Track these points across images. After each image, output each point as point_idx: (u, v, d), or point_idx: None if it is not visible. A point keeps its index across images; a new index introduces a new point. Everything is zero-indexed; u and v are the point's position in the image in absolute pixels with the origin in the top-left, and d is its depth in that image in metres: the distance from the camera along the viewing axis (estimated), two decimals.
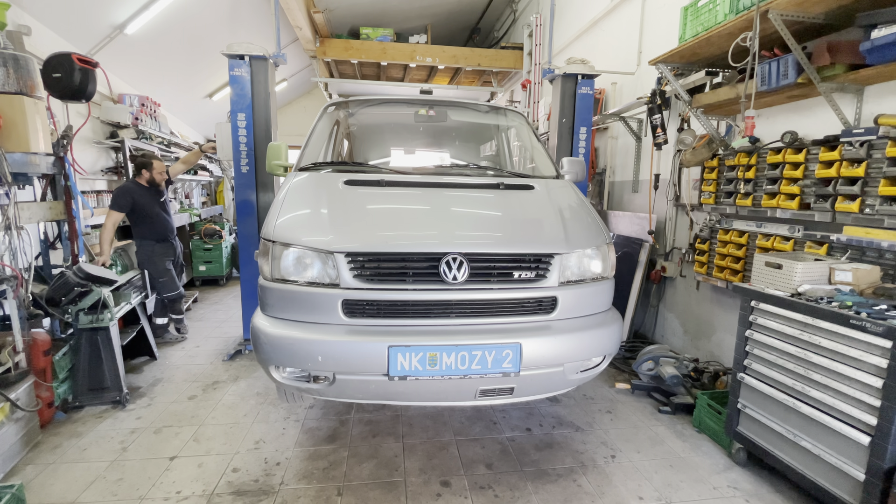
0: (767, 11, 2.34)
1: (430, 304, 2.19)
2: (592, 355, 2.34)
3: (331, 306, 2.13)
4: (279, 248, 2.22)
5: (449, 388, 2.18)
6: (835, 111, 2.46)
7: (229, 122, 3.92)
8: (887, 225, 2.22)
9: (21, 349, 2.70)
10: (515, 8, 8.24)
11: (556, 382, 2.34)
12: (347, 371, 2.11)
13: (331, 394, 2.25)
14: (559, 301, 2.29)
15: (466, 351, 2.09)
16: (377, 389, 2.17)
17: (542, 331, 2.23)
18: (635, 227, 4.33)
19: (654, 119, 3.63)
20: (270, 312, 2.26)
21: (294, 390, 2.32)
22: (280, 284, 2.22)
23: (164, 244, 4.27)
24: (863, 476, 1.90)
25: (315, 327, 2.15)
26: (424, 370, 2.09)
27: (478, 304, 2.22)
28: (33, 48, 3.59)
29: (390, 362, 2.06)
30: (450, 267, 2.15)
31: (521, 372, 2.15)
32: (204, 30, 6.12)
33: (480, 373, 2.12)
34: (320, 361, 2.09)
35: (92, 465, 2.53)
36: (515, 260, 2.25)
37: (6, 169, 2.71)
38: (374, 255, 2.16)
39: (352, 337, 2.10)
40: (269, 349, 2.18)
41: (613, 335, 2.42)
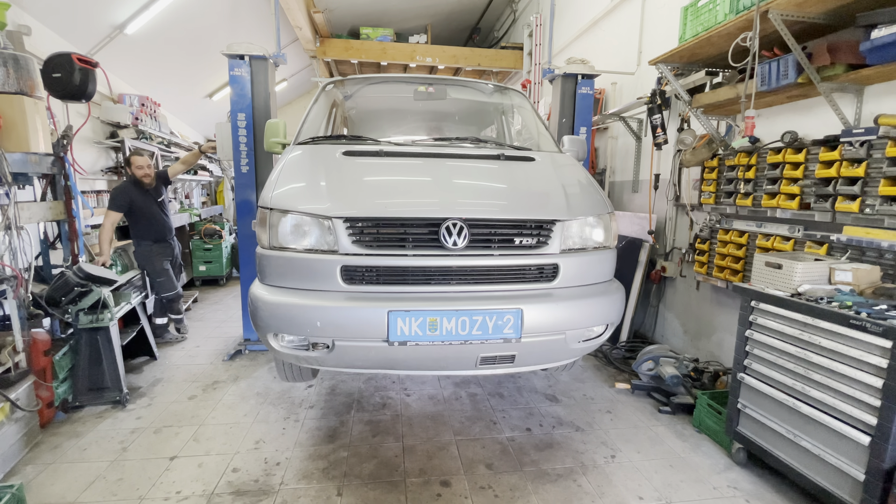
0: (767, 11, 2.34)
1: (430, 270, 2.16)
2: (594, 323, 2.32)
3: (329, 273, 2.11)
4: (277, 216, 2.19)
5: (449, 355, 2.15)
6: (835, 111, 2.46)
7: (229, 122, 3.92)
8: (887, 225, 2.22)
9: (21, 349, 2.70)
10: (515, 8, 8.24)
11: (558, 351, 2.31)
12: (346, 337, 2.09)
13: (330, 362, 2.22)
14: (561, 269, 2.26)
15: (467, 316, 2.07)
16: (377, 356, 2.14)
17: (544, 298, 2.21)
18: (635, 227, 4.33)
19: (654, 119, 3.63)
20: (268, 281, 2.24)
21: (293, 360, 2.28)
22: (278, 252, 2.19)
23: (162, 244, 4.26)
24: (863, 476, 1.90)
25: (314, 294, 2.13)
26: (424, 335, 2.06)
27: (478, 271, 2.19)
28: (33, 48, 3.59)
29: (390, 327, 2.04)
30: (450, 233, 2.12)
31: (522, 338, 2.12)
32: (204, 30, 6.12)
33: (481, 338, 2.09)
34: (319, 327, 2.07)
35: (92, 465, 2.53)
36: (516, 226, 2.23)
37: (6, 169, 2.71)
38: (372, 220, 2.14)
39: (351, 303, 2.08)
40: (268, 316, 2.15)
41: (616, 304, 2.39)
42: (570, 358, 2.44)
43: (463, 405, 3.25)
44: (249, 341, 4.23)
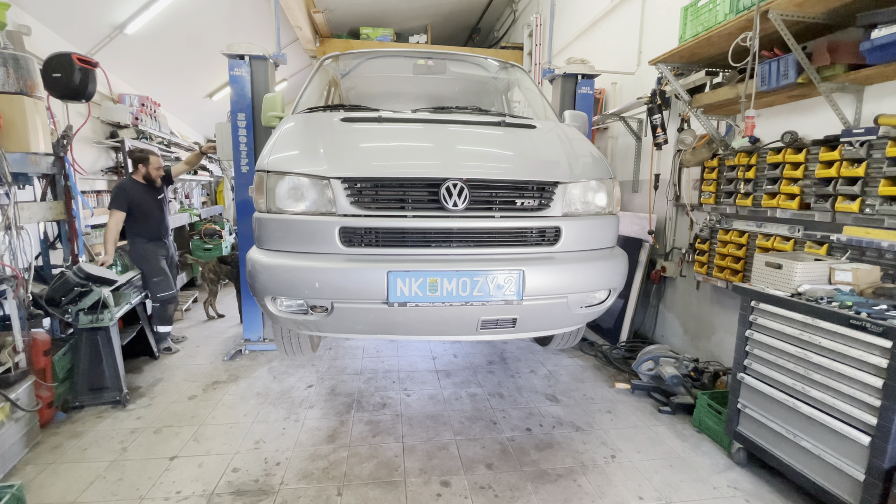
0: (767, 11, 2.34)
1: (430, 232, 2.13)
2: (597, 287, 2.29)
3: (328, 235, 2.08)
4: (274, 178, 2.16)
5: (450, 318, 2.13)
6: (835, 111, 2.46)
7: (229, 122, 3.92)
8: (887, 225, 2.22)
9: (21, 349, 2.70)
10: (515, 8, 8.24)
11: (560, 316, 2.28)
12: (345, 298, 2.06)
13: (328, 327, 2.19)
14: (563, 232, 2.23)
15: (468, 277, 2.04)
16: (376, 319, 2.11)
17: (546, 261, 2.18)
18: (635, 227, 4.33)
19: (654, 119, 3.63)
20: (266, 245, 2.21)
21: (291, 325, 2.26)
22: (275, 215, 2.16)
23: (157, 243, 4.20)
24: (863, 476, 1.90)
25: (312, 257, 2.10)
26: (425, 296, 2.04)
27: (479, 234, 2.16)
28: (33, 48, 3.59)
29: (389, 288, 2.01)
30: (450, 193, 2.09)
31: (523, 301, 2.09)
32: (204, 30, 6.12)
33: (482, 300, 2.07)
34: (317, 288, 2.04)
35: (92, 465, 2.53)
36: (518, 188, 2.19)
37: (6, 169, 2.71)
38: (371, 180, 2.10)
39: (350, 264, 2.05)
40: (266, 279, 2.12)
41: (618, 270, 2.36)
42: (573, 325, 2.40)
43: (463, 405, 3.25)
44: (249, 341, 4.23)
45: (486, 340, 2.90)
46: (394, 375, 3.73)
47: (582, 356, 4.18)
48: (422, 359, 4.10)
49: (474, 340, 2.68)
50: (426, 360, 4.06)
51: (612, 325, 4.36)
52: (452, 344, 4.47)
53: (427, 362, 4.02)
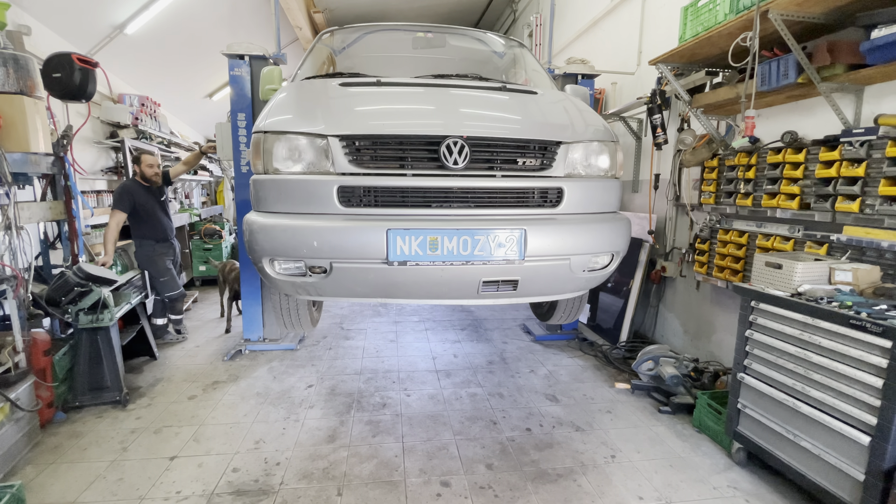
0: (767, 11, 2.34)
1: (430, 191, 2.09)
2: (600, 250, 2.26)
3: (326, 195, 2.05)
4: (271, 139, 2.12)
5: (450, 278, 2.10)
6: (835, 111, 2.46)
7: (229, 122, 3.92)
8: (887, 225, 2.22)
9: (21, 349, 2.70)
10: (515, 8, 8.24)
11: (562, 279, 2.25)
12: (345, 257, 2.03)
13: (327, 290, 2.16)
14: (565, 193, 2.20)
15: (468, 235, 2.01)
16: (376, 279, 2.09)
17: (548, 221, 2.15)
18: (635, 227, 4.32)
19: (654, 119, 3.62)
20: (264, 208, 2.17)
21: (289, 289, 2.23)
22: (273, 176, 2.12)
23: (164, 244, 4.25)
24: (863, 476, 1.90)
25: (310, 217, 2.08)
26: (425, 255, 2.01)
27: (480, 194, 2.13)
28: (33, 48, 3.59)
29: (389, 246, 1.99)
30: (450, 151, 2.05)
31: (525, 261, 2.07)
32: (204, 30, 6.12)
33: (483, 259, 2.04)
34: (316, 247, 2.01)
35: (92, 465, 2.53)
36: (520, 147, 2.16)
37: (6, 169, 2.71)
38: (370, 137, 2.07)
39: (349, 222, 2.03)
40: (263, 239, 2.09)
41: (622, 233, 2.33)
42: (576, 290, 2.36)
43: (463, 405, 3.25)
44: (249, 341, 4.23)
45: (488, 304, 2.80)
46: (394, 375, 3.73)
47: (582, 356, 4.18)
48: (422, 359, 4.10)
49: (476, 304, 2.57)
50: (426, 360, 4.06)
51: (612, 325, 4.36)
52: (452, 343, 4.47)
53: (427, 362, 4.02)
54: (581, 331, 4.67)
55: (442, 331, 4.88)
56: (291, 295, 2.35)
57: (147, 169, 4.15)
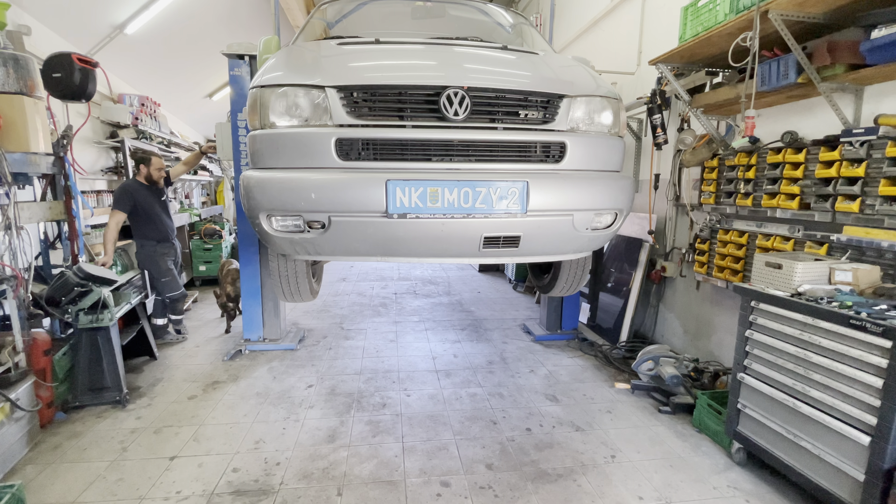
0: (767, 11, 2.34)
1: (430, 144, 2.05)
2: (603, 206, 2.22)
3: (324, 148, 2.01)
4: (267, 93, 2.08)
5: (451, 233, 2.07)
6: (835, 111, 2.46)
7: (229, 122, 3.92)
8: (887, 225, 2.22)
9: (21, 349, 2.70)
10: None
11: (565, 237, 2.22)
12: (343, 209, 1.99)
13: (326, 247, 2.12)
14: (568, 148, 2.16)
15: (469, 187, 1.97)
16: (375, 234, 2.06)
17: (551, 175, 2.12)
18: (635, 227, 4.33)
19: (654, 119, 3.62)
20: (261, 164, 2.12)
21: (287, 246, 2.20)
22: (269, 131, 2.08)
23: (165, 244, 4.25)
24: (863, 476, 1.90)
25: (308, 171, 2.04)
26: (425, 207, 1.97)
27: (481, 147, 2.09)
28: (33, 48, 3.59)
29: (388, 197, 1.95)
30: (451, 102, 2.01)
31: (527, 215, 2.03)
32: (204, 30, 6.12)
33: (485, 212, 2.01)
34: (314, 199, 1.98)
35: (92, 464, 2.53)
36: (522, 99, 2.12)
37: (6, 169, 2.71)
38: (368, 88, 2.04)
39: (348, 174, 2.00)
40: (259, 193, 2.05)
41: (625, 191, 2.30)
42: (579, 250, 2.32)
43: (463, 405, 3.25)
44: (249, 341, 4.23)
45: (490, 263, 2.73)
46: (394, 375, 3.73)
47: (582, 356, 4.18)
48: (422, 359, 4.10)
49: (477, 262, 2.51)
50: (426, 360, 4.06)
51: (612, 325, 4.36)
52: (452, 343, 4.47)
53: (427, 362, 4.02)
54: (581, 331, 4.67)
55: (442, 331, 4.88)
56: (290, 255, 2.30)
57: (155, 172, 4.19)
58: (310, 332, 4.79)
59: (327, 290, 6.79)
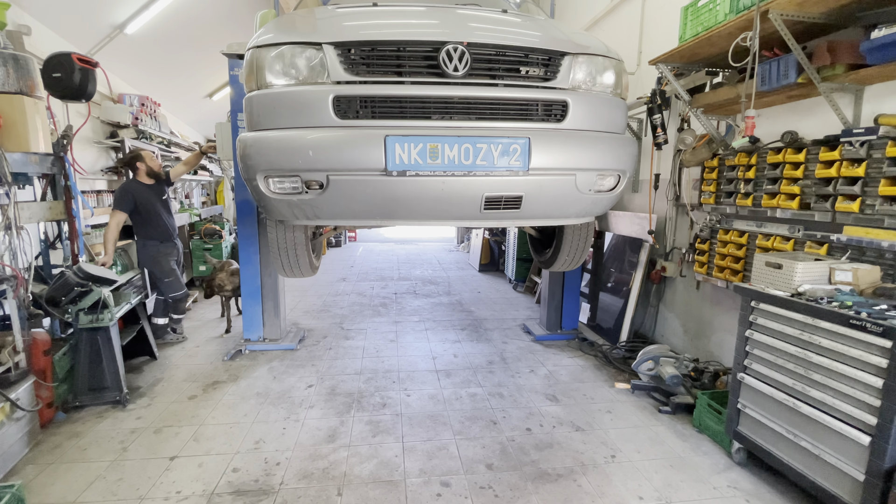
0: (767, 11, 2.34)
1: (429, 101, 2.01)
2: (607, 166, 2.19)
3: (321, 106, 1.98)
4: (263, 52, 2.03)
5: (452, 192, 2.03)
6: (835, 111, 2.46)
7: (229, 122, 3.92)
8: (887, 225, 2.22)
9: (21, 349, 2.70)
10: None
11: (568, 198, 2.18)
12: (341, 167, 1.96)
13: (324, 210, 2.09)
14: (570, 107, 2.13)
15: (470, 143, 1.94)
16: (374, 194, 2.03)
17: (553, 133, 2.09)
18: (635, 227, 4.33)
19: (654, 119, 3.62)
20: (257, 126, 2.09)
21: (285, 209, 2.17)
22: (266, 91, 2.05)
23: (168, 244, 4.24)
24: (863, 476, 1.90)
25: (306, 129, 2.02)
26: (425, 164, 1.94)
27: (481, 104, 2.06)
28: (33, 48, 3.59)
29: (387, 153, 1.92)
30: (450, 58, 1.97)
31: (529, 173, 2.00)
32: (204, 30, 6.12)
33: (486, 169, 1.97)
34: (312, 157, 1.95)
35: (92, 464, 2.53)
36: (522, 56, 2.09)
37: (6, 169, 2.71)
38: (366, 43, 2.01)
39: (346, 131, 1.97)
40: (256, 152, 2.02)
41: (628, 153, 2.28)
42: (581, 213, 2.29)
43: (463, 405, 3.25)
44: (249, 341, 4.23)
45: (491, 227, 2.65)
46: (394, 375, 3.73)
47: (582, 356, 4.18)
48: (422, 359, 4.10)
49: (479, 225, 2.42)
50: (426, 360, 4.06)
51: (612, 324, 4.37)
52: (452, 343, 4.47)
53: (427, 362, 4.02)
54: (581, 331, 4.67)
55: (442, 331, 4.88)
56: (288, 220, 2.26)
57: (153, 163, 4.15)
58: (310, 332, 4.79)
59: (327, 290, 6.80)
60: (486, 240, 8.54)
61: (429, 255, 10.46)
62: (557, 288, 4.62)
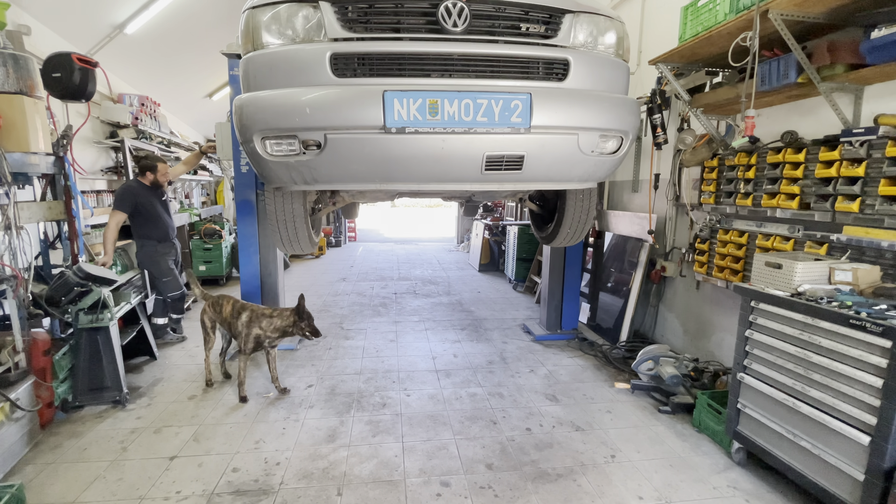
0: (767, 11, 2.34)
1: (428, 58, 2.00)
2: (609, 125, 2.18)
3: (318, 64, 1.96)
4: (259, 12, 2.03)
5: (452, 152, 2.01)
6: (835, 111, 2.46)
7: (229, 122, 3.92)
8: (887, 225, 2.22)
9: (21, 349, 2.70)
10: None
11: (570, 159, 2.16)
12: (339, 124, 1.94)
13: (323, 171, 2.06)
14: (571, 66, 2.11)
15: (471, 99, 1.92)
16: (373, 153, 2.01)
17: (555, 90, 2.07)
18: (635, 227, 4.33)
19: (654, 119, 3.62)
20: (254, 87, 2.07)
21: (283, 172, 2.14)
22: (262, 51, 2.03)
23: (166, 244, 4.25)
24: (862, 476, 1.90)
25: (303, 87, 1.99)
26: (424, 120, 1.92)
27: (481, 61, 2.04)
28: (33, 48, 3.59)
29: (386, 109, 1.90)
30: (449, 13, 1.94)
31: (531, 130, 1.98)
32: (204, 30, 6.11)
33: (487, 126, 1.95)
34: (309, 114, 1.93)
35: (92, 464, 2.53)
36: (522, 13, 2.07)
37: (6, 169, 2.71)
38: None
39: (344, 88, 1.95)
40: (254, 112, 2.00)
41: (632, 115, 2.26)
42: (584, 176, 2.26)
43: (463, 405, 3.25)
44: None
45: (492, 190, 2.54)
46: (394, 375, 3.73)
47: (582, 356, 4.18)
48: (422, 359, 4.10)
49: (480, 188, 2.38)
50: (426, 360, 4.06)
51: (612, 324, 4.37)
52: (452, 343, 4.47)
53: (427, 362, 4.02)
54: (581, 330, 4.67)
55: (442, 331, 4.88)
56: (286, 185, 2.23)
57: (161, 178, 4.19)
58: None
59: (327, 290, 6.80)
60: (485, 240, 8.55)
61: (428, 255, 10.46)
62: (557, 288, 4.62)
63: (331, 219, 12.45)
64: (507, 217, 9.93)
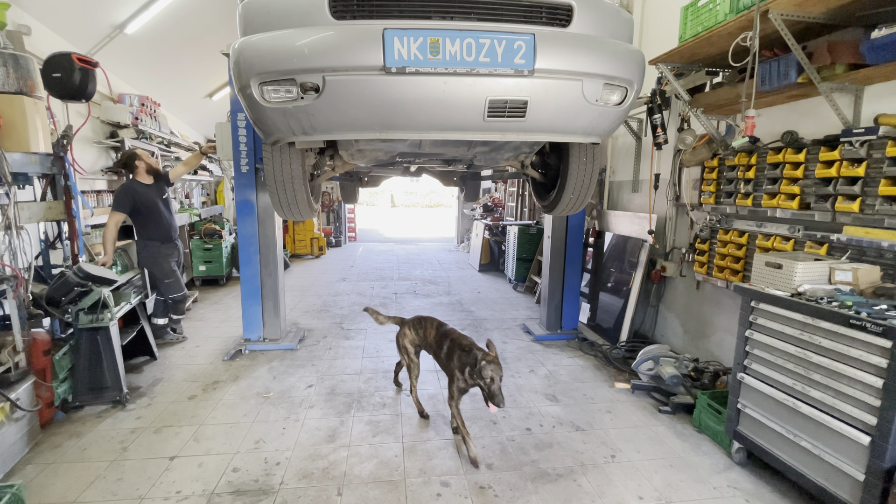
0: (767, 11, 2.34)
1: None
2: (614, 73, 2.15)
3: (317, 5, 1.93)
4: None
5: (454, 95, 1.99)
6: (835, 111, 2.46)
7: (229, 122, 3.92)
8: (887, 225, 2.22)
9: (21, 349, 2.70)
10: None
11: (574, 107, 2.14)
12: (338, 65, 1.91)
13: (322, 118, 2.05)
14: (574, 12, 2.09)
15: (473, 38, 1.90)
16: (373, 97, 1.99)
17: (559, 34, 2.04)
18: (635, 227, 4.33)
19: (654, 119, 3.62)
20: (251, 33, 2.05)
21: (280, 120, 2.12)
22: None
23: (169, 244, 4.22)
24: (862, 476, 1.90)
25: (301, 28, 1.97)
26: (425, 59, 1.90)
27: (483, 3, 2.00)
28: (33, 48, 3.59)
29: (386, 48, 1.88)
30: None
31: (534, 72, 1.97)
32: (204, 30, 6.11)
33: (489, 67, 1.93)
34: (307, 55, 1.91)
35: (92, 464, 2.53)
36: None
37: (6, 169, 2.71)
38: None
39: (342, 28, 1.92)
40: (251, 55, 1.98)
41: (637, 64, 2.23)
42: (588, 128, 2.24)
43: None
44: (249, 341, 4.23)
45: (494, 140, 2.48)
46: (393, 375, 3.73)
47: (582, 356, 4.18)
48: (422, 359, 4.09)
49: (482, 137, 2.34)
50: (426, 360, 4.06)
51: (612, 324, 4.37)
52: None
53: (427, 362, 4.02)
54: (581, 331, 4.67)
55: None
56: (284, 137, 2.23)
57: (148, 160, 4.13)
58: (310, 331, 4.79)
59: (327, 290, 6.80)
60: (486, 240, 8.55)
61: (429, 255, 10.46)
62: (557, 288, 4.62)
63: (331, 219, 12.46)
64: (507, 217, 9.94)
